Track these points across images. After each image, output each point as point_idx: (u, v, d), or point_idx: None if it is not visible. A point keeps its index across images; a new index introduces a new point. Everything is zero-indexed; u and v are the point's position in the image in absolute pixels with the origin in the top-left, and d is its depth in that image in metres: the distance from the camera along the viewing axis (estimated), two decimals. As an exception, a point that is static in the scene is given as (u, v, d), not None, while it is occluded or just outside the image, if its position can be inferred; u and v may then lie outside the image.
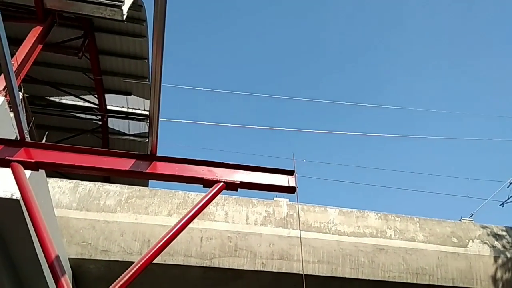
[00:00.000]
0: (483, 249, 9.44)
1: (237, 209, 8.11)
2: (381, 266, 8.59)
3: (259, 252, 7.83)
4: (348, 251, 8.47)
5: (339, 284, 8.37)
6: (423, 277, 8.80)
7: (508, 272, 9.37)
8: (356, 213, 9.15)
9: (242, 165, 5.12)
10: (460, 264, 9.13)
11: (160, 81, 4.41)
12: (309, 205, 8.84)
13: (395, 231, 9.08)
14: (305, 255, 8.18)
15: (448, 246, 9.24)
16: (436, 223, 9.63)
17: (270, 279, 7.96)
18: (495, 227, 10.03)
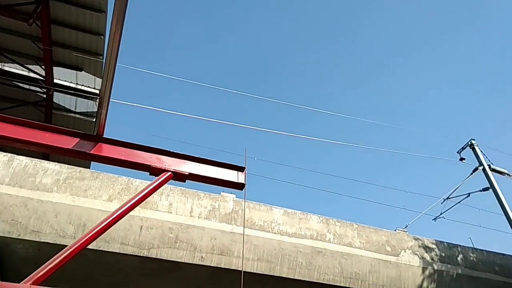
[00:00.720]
0: (413, 260, 9.95)
1: (182, 200, 7.95)
2: (317, 268, 8.80)
3: (200, 246, 7.73)
4: (288, 251, 8.58)
5: (275, 283, 8.46)
6: (355, 282, 9.12)
7: (433, 283, 9.96)
8: (299, 214, 9.30)
9: (193, 156, 5.02)
10: (391, 272, 9.56)
11: (116, 60, 4.19)
12: (255, 203, 8.86)
13: (334, 235, 9.33)
14: (246, 252, 8.19)
15: (381, 254, 9.65)
16: (373, 231, 10.03)
17: (208, 274, 7.88)
18: (426, 240, 10.61)
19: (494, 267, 10.76)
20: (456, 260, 10.44)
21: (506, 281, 10.62)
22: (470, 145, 16.08)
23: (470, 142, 16.11)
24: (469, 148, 16.20)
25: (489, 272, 10.57)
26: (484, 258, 10.79)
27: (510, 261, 11.18)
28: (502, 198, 14.10)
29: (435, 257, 10.24)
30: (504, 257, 11.19)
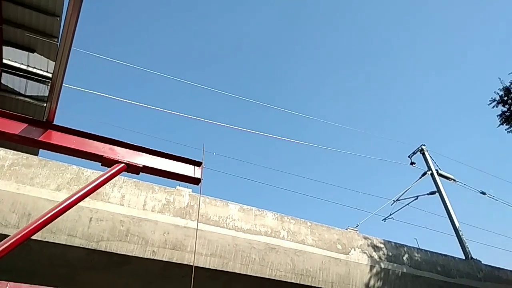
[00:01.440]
0: (362, 258, 10.28)
1: (135, 193, 7.74)
2: (270, 265, 8.88)
3: (152, 240, 7.57)
4: (242, 247, 8.60)
5: (228, 278, 8.45)
6: (306, 278, 9.29)
7: (379, 281, 10.34)
8: (255, 211, 9.33)
9: (148, 148, 4.89)
10: (340, 270, 9.83)
11: (71, 44, 3.99)
12: (211, 198, 8.79)
13: (288, 233, 9.45)
14: (199, 248, 8.11)
15: (332, 252, 9.89)
16: (326, 229, 10.25)
17: (159, 268, 7.73)
18: (375, 239, 11.00)
19: (436, 267, 11.33)
20: (402, 259, 10.90)
21: (446, 281, 11.22)
22: (421, 150, 16.83)
23: (421, 147, 16.87)
24: (419, 154, 16.95)
25: (432, 272, 11.12)
26: (427, 258, 11.34)
27: (451, 262, 11.82)
28: (447, 202, 14.87)
29: (383, 256, 10.63)
30: (446, 258, 11.82)
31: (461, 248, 13.42)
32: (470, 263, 12.42)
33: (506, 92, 11.84)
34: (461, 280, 11.49)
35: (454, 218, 14.31)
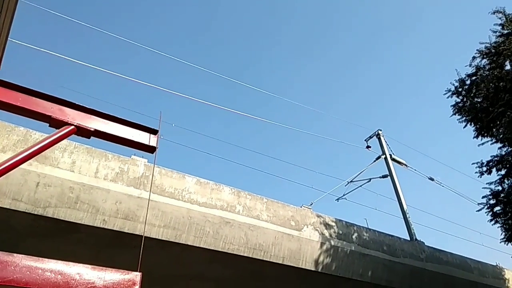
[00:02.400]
0: (314, 235, 10.57)
1: (87, 159, 7.45)
2: (223, 238, 8.93)
3: (103, 209, 7.36)
4: (196, 220, 8.57)
5: (180, 250, 8.43)
6: (258, 253, 9.44)
7: (329, 258, 10.71)
8: (212, 185, 9.29)
9: (100, 112, 4.65)
10: (292, 245, 10.07)
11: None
12: (167, 170, 8.63)
13: (244, 208, 9.51)
14: (152, 219, 8.00)
15: (286, 228, 10.08)
16: (281, 206, 10.41)
17: (109, 237, 7.57)
18: (327, 218, 11.31)
19: (383, 246, 11.87)
20: (351, 238, 11.32)
21: (391, 260, 11.80)
22: (377, 135, 17.35)
23: (377, 132, 17.38)
24: (376, 138, 17.48)
25: (378, 251, 11.65)
26: (375, 238, 11.84)
27: (397, 242, 12.41)
28: (397, 185, 15.51)
29: (333, 234, 10.98)
30: (392, 238, 12.40)
31: (407, 229, 14.12)
32: (414, 244, 13.10)
33: (461, 84, 12.31)
34: (405, 260, 12.12)
35: (402, 201, 14.98)
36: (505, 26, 11.14)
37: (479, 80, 11.89)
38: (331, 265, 10.62)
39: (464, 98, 12.35)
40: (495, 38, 11.39)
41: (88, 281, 3.65)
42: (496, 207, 12.41)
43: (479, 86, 11.79)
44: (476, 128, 12.11)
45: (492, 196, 12.45)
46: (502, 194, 12.32)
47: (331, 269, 10.58)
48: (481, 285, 13.62)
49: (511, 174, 12.11)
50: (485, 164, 12.18)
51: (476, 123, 12.02)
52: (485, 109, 11.62)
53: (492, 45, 11.37)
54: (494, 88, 11.25)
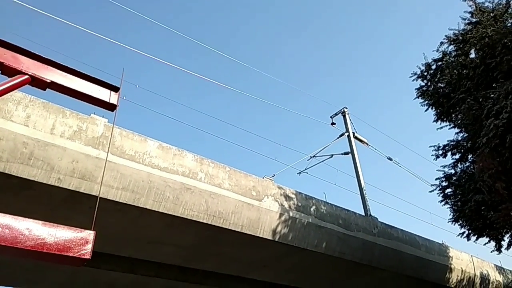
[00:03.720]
0: (274, 206, 10.73)
1: (43, 115, 7.08)
2: (183, 204, 8.89)
3: (58, 167, 7.09)
4: (156, 184, 8.45)
5: (138, 213, 8.33)
6: (218, 220, 9.50)
7: (286, 228, 10.94)
8: (175, 150, 9.14)
9: (58, 63, 4.39)
10: (252, 214, 10.19)
11: None
12: (129, 132, 8.39)
13: (206, 175, 9.46)
14: (111, 180, 7.81)
15: (247, 198, 10.16)
16: (243, 176, 10.45)
17: (64, 196, 7.34)
18: (288, 190, 11.49)
19: (338, 220, 12.25)
20: (309, 210, 11.59)
21: (345, 233, 12.22)
22: (342, 112, 17.59)
23: (343, 110, 17.62)
24: (341, 115, 17.73)
25: (334, 224, 12.02)
26: (332, 212, 12.19)
27: (352, 216, 12.84)
28: (357, 162, 15.93)
29: (292, 205, 11.20)
30: (348, 213, 12.81)
31: (363, 205, 14.63)
32: (368, 219, 13.62)
33: (427, 68, 12.59)
34: (358, 234, 12.60)
35: (361, 178, 15.43)
36: (474, 14, 11.39)
37: (444, 66, 12.20)
38: (288, 235, 10.87)
39: (429, 83, 12.66)
40: (464, 25, 11.64)
41: (38, 237, 3.52)
42: (448, 189, 13.05)
43: (444, 71, 12.11)
44: (436, 113, 12.51)
45: (445, 179, 13.06)
46: (454, 177, 12.94)
47: (288, 239, 10.84)
48: (426, 261, 14.44)
49: (464, 158, 12.70)
50: (441, 148, 12.68)
51: (437, 108, 12.40)
52: (447, 94, 11.98)
53: (460, 32, 11.62)
54: (457, 74, 11.58)
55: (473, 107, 10.26)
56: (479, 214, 11.67)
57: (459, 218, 12.35)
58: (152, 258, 11.10)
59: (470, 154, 12.28)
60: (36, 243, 3.37)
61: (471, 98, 10.60)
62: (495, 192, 10.01)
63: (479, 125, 10.12)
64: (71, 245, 3.53)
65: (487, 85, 10.61)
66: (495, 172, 9.73)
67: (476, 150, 10.49)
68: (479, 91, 10.71)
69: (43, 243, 3.40)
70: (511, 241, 11.90)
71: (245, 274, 12.98)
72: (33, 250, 3.34)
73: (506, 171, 9.80)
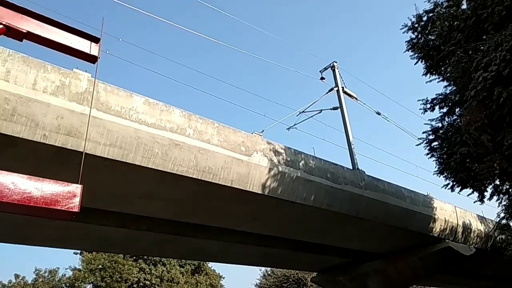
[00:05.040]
0: (263, 161, 10.81)
1: (23, 69, 6.84)
2: (173, 160, 8.89)
3: (43, 123, 6.96)
4: (144, 140, 8.39)
5: (127, 169, 8.33)
6: (207, 175, 9.57)
7: (275, 182, 11.09)
8: (162, 106, 9.01)
9: (35, 12, 4.18)
10: (241, 170, 10.27)
11: None
12: (113, 87, 8.20)
13: (194, 131, 9.41)
14: (97, 137, 7.72)
15: (236, 153, 10.19)
16: (232, 131, 10.42)
17: (51, 153, 7.27)
18: (277, 145, 11.54)
19: (326, 174, 12.45)
20: (298, 165, 11.72)
21: (333, 186, 12.46)
22: (332, 67, 17.38)
23: (332, 64, 17.39)
24: (330, 70, 17.52)
25: (322, 178, 12.21)
26: (320, 166, 12.35)
27: (340, 170, 13.05)
28: (346, 117, 15.98)
29: (281, 160, 11.29)
30: (336, 166, 12.99)
31: (351, 159, 14.84)
32: (356, 172, 13.86)
33: (418, 19, 12.33)
34: (345, 187, 12.86)
35: (349, 133, 15.54)
36: (467, -37, 11.02)
37: (435, 17, 11.95)
38: (277, 189, 11.05)
39: (419, 35, 12.45)
40: (457, -26, 11.29)
41: (24, 191, 3.50)
42: (434, 142, 13.23)
43: (435, 23, 11.88)
44: (426, 66, 12.41)
45: (432, 132, 13.21)
46: (441, 131, 13.09)
47: (277, 192, 11.03)
48: (411, 211, 14.91)
49: (451, 112, 12.79)
50: (429, 102, 12.71)
51: (427, 61, 12.29)
52: (437, 47, 11.83)
53: (453, -18, 11.30)
54: (448, 26, 11.37)
55: (462, 60, 10.18)
56: (463, 166, 11.91)
57: (444, 170, 12.62)
58: (144, 213, 11.28)
59: (458, 108, 12.36)
60: (22, 197, 3.36)
61: (461, 51, 10.48)
62: (481, 144, 10.16)
63: (467, 78, 10.08)
64: (59, 199, 3.53)
65: (478, 37, 10.47)
66: (481, 125, 9.82)
67: (463, 103, 10.53)
68: (469, 43, 10.58)
69: (30, 197, 3.38)
70: (493, 192, 12.26)
71: (236, 227, 13.32)
72: (20, 204, 3.33)
73: (492, 124, 9.90)
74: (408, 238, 16.27)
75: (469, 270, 24.27)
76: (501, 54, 8.96)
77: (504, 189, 12.13)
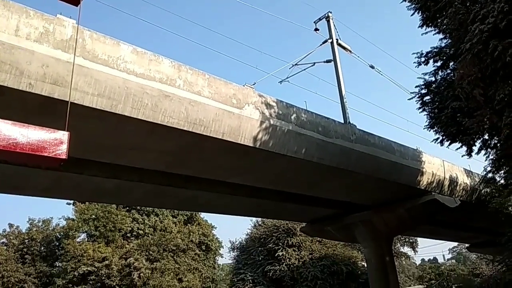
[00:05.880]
0: (255, 114, 10.74)
1: (4, 14, 6.52)
2: (163, 111, 8.80)
3: (28, 71, 6.76)
4: (134, 91, 8.24)
5: (117, 120, 8.24)
6: (199, 127, 9.52)
7: (267, 135, 11.10)
8: (150, 55, 8.78)
9: None
10: (232, 122, 10.22)
11: None
12: (100, 34, 7.91)
13: (184, 82, 9.24)
14: (85, 86, 7.55)
15: (227, 105, 10.10)
16: (223, 83, 10.25)
17: (38, 103, 7.13)
18: (269, 98, 11.42)
19: (318, 127, 12.46)
20: (290, 118, 11.68)
21: (324, 140, 12.52)
22: (327, 17, 16.88)
23: (327, 14, 16.88)
24: (325, 21, 17.03)
25: (314, 131, 12.24)
26: (312, 119, 12.33)
27: (331, 124, 13.06)
28: (339, 71, 15.77)
29: (273, 113, 11.23)
30: (328, 120, 12.99)
31: (342, 113, 14.83)
32: (347, 126, 13.90)
33: (416, -32, 11.88)
34: (336, 140, 12.93)
35: (342, 86, 15.41)
36: None
37: (434, -34, 11.52)
38: (268, 142, 11.08)
39: (417, -16, 12.06)
40: None
41: (9, 137, 3.43)
42: (426, 96, 13.21)
43: (433, -28, 11.47)
44: (422, 17, 12.11)
45: (424, 86, 13.15)
46: (434, 85, 13.03)
47: (268, 145, 11.07)
48: (400, 165, 15.15)
49: (445, 66, 12.67)
50: (424, 55, 12.54)
51: (423, 12, 11.98)
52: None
53: None
54: (446, -25, 11.00)
55: (460, 11, 9.93)
56: (454, 120, 11.99)
57: (435, 125, 12.71)
58: (135, 164, 11.32)
59: (452, 61, 12.23)
60: (7, 143, 3.30)
61: (458, 2, 10.20)
62: (472, 98, 10.15)
63: (464, 30, 9.89)
64: (45, 145, 3.48)
65: (477, -12, 10.16)
66: (475, 79, 9.76)
67: (458, 57, 10.39)
68: (467, -6, 10.29)
69: (15, 143, 3.33)
70: (481, 146, 12.44)
71: (227, 179, 13.48)
72: (5, 150, 3.28)
73: (485, 78, 9.84)
74: (396, 191, 16.67)
75: (452, 222, 25.21)
76: (499, 6, 8.75)
77: (492, 144, 12.30)
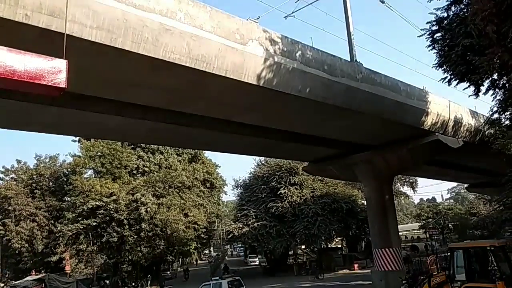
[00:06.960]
0: (258, 50, 10.43)
1: None
2: (164, 46, 8.56)
3: (23, 2, 6.50)
4: (133, 24, 7.95)
5: (117, 54, 8.04)
6: (201, 64, 9.31)
7: (271, 73, 10.86)
8: (150, -14, 8.35)
9: None
10: (236, 59, 9.97)
11: None
12: (96, -39, 7.47)
13: (185, 15, 8.89)
14: (83, 18, 7.28)
15: (230, 41, 9.77)
16: (226, 17, 9.86)
17: (35, 35, 6.92)
18: (273, 33, 11.02)
19: (323, 65, 12.15)
20: (295, 55, 11.36)
21: (329, 79, 12.27)
22: None
23: None
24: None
25: (319, 70, 11.94)
26: (317, 57, 11.99)
27: (338, 62, 12.72)
28: (348, 6, 15.08)
29: (278, 50, 10.90)
30: (334, 58, 12.63)
31: (349, 50, 14.39)
32: (353, 65, 13.55)
33: None
34: (342, 80, 12.67)
35: (350, 22, 14.81)
36: None
37: None
38: (273, 80, 10.88)
39: None
40: None
41: (5, 63, 3.35)
42: (437, 33, 12.75)
43: None
44: None
45: (436, 23, 12.64)
46: (446, 21, 12.51)
47: (272, 84, 10.88)
48: (405, 105, 14.97)
49: (459, 1, 12.07)
50: (437, -12, 11.93)
51: None
52: None
53: None
54: None
55: None
56: (464, 59, 11.66)
57: (444, 63, 12.40)
58: (137, 101, 11.25)
59: (466, -4, 11.64)
60: (5, 70, 3.23)
61: None
62: (485, 35, 9.77)
63: (481, -40, 9.30)
64: (44, 73, 3.40)
65: None
66: (489, 14, 9.32)
67: (473, -10, 9.87)
68: None
69: (13, 70, 3.25)
70: (489, 86, 12.21)
71: (230, 118, 13.47)
72: (3, 78, 3.21)
73: (500, 14, 9.40)
74: (399, 131, 16.66)
75: (453, 162, 25.48)
76: None
77: (501, 84, 12.06)
